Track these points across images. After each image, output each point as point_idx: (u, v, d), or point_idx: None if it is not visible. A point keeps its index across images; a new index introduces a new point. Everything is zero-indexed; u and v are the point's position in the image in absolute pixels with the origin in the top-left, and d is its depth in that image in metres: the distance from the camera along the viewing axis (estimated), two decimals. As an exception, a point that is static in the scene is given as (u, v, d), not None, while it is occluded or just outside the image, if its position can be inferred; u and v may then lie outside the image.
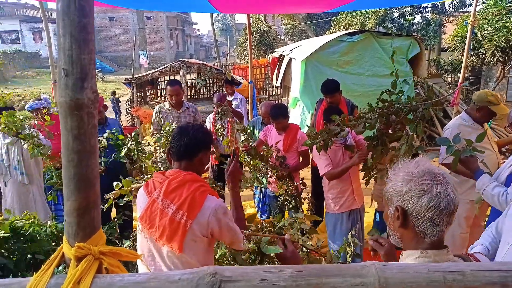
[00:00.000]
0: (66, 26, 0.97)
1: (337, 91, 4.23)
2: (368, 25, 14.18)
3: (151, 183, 1.91)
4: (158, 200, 1.80)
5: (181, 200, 1.77)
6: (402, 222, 1.23)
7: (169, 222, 1.75)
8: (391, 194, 1.26)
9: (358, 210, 3.57)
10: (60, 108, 1.01)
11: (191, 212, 1.76)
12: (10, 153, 3.93)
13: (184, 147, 1.88)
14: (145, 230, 1.82)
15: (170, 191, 1.80)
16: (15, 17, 34.41)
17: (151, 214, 1.80)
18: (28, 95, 18.42)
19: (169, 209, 1.77)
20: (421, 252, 1.21)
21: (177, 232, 1.74)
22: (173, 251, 1.76)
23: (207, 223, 1.79)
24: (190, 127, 1.95)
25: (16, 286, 1.01)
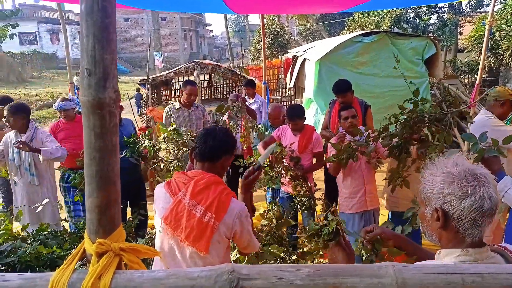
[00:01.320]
0: (89, 26, 1.00)
1: (349, 91, 4.22)
2: (383, 25, 14.05)
3: (173, 183, 1.91)
4: (184, 201, 1.81)
5: (209, 202, 1.79)
6: (443, 223, 1.21)
7: (197, 223, 1.77)
8: (429, 195, 1.24)
9: (371, 212, 3.55)
10: (82, 107, 1.03)
11: (218, 214, 1.79)
12: (21, 154, 3.98)
13: (209, 149, 1.92)
14: (169, 230, 1.81)
15: (197, 192, 1.82)
16: (33, 18, 35.12)
17: (177, 215, 1.80)
18: (45, 95, 18.77)
19: (197, 210, 1.79)
20: (462, 250, 1.19)
21: (204, 234, 1.76)
22: (197, 252, 1.78)
23: (232, 225, 1.83)
24: (217, 130, 2.00)
25: (39, 281, 1.04)
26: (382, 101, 7.10)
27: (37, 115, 15.11)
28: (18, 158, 3.99)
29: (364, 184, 3.42)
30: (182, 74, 11.86)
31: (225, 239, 1.85)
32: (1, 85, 22.03)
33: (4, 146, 4.06)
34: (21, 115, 3.95)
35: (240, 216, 1.85)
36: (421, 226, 1.38)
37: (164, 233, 1.86)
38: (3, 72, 23.69)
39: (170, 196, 1.87)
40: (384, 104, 7.13)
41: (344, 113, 3.54)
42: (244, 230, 1.87)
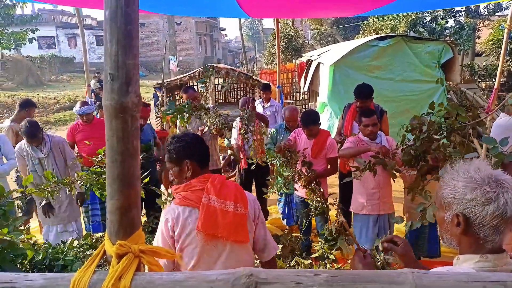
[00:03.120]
0: (113, 32, 1.02)
1: (370, 96, 4.19)
2: (398, 29, 13.93)
3: (186, 196, 1.88)
4: (211, 202, 1.83)
5: (233, 195, 1.88)
6: (464, 229, 1.19)
7: (233, 217, 1.84)
8: (450, 200, 1.21)
9: (386, 217, 3.52)
10: (105, 111, 1.05)
11: (244, 203, 1.90)
12: (43, 163, 4.01)
13: (206, 153, 2.01)
14: (206, 236, 1.80)
15: (219, 191, 1.86)
16: (51, 23, 35.82)
17: (211, 218, 1.81)
18: (62, 98, 19.10)
19: (228, 205, 1.85)
20: (481, 256, 1.17)
21: (242, 224, 1.86)
22: (238, 245, 1.86)
23: (253, 212, 1.97)
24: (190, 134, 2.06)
25: (61, 281, 1.06)
26: (396, 105, 7.03)
27: (55, 117, 15.38)
28: (40, 168, 4.02)
29: (379, 187, 3.39)
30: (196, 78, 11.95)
31: (252, 226, 1.95)
32: (20, 88, 22.52)
33: (20, 158, 4.05)
34: (39, 137, 3.92)
35: (255, 203, 2.01)
36: (439, 231, 1.36)
37: (201, 243, 1.82)
38: (23, 75, 24.20)
39: (192, 208, 1.85)
40: (399, 108, 7.06)
41: (366, 120, 3.49)
42: (260, 217, 2.00)
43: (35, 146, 3.96)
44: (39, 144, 3.97)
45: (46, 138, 4.03)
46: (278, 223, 5.01)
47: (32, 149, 3.95)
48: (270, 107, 6.16)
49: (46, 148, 3.97)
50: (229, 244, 1.85)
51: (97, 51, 35.60)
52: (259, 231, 1.99)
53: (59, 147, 4.08)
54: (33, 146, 3.96)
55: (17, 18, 18.73)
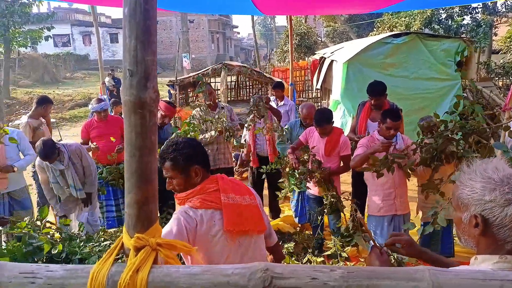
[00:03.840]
0: (132, 28, 1.03)
1: (383, 93, 4.16)
2: (413, 26, 13.75)
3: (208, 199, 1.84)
4: (231, 199, 1.84)
5: (244, 189, 1.98)
6: (482, 230, 1.17)
7: (252, 208, 1.93)
8: (468, 201, 1.20)
9: (401, 217, 3.48)
10: (124, 106, 1.07)
11: (252, 194, 2.01)
12: (64, 175, 4.06)
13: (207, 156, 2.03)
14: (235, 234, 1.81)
15: (232, 188, 1.90)
16: (66, 21, 36.30)
17: (236, 215, 1.82)
18: (77, 95, 19.37)
19: (245, 199, 1.92)
20: (500, 257, 1.15)
21: (258, 214, 1.96)
22: (259, 235, 1.96)
23: (258, 199, 2.05)
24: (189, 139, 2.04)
25: (81, 272, 1.08)
26: (411, 103, 6.95)
27: (70, 114, 15.61)
28: (62, 179, 4.07)
29: (394, 187, 3.35)
30: (209, 76, 11.99)
31: (264, 214, 2.06)
32: (36, 85, 22.90)
33: (41, 172, 4.09)
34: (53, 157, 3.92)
35: (255, 192, 2.08)
36: (456, 231, 1.34)
37: (230, 242, 1.82)
38: (39, 72, 24.59)
39: (214, 209, 1.82)
40: (413, 106, 6.99)
41: (390, 123, 3.37)
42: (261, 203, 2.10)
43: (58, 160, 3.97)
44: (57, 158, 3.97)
45: (63, 149, 4.02)
46: (290, 221, 5.01)
47: (55, 164, 3.97)
48: (284, 106, 6.12)
49: (66, 160, 3.99)
50: (255, 236, 1.93)
51: (111, 48, 35.97)
52: (266, 218, 2.10)
53: (77, 154, 4.12)
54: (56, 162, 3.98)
55: (33, 16, 19.05)
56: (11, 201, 4.29)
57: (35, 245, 2.50)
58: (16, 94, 18.65)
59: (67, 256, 2.54)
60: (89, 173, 4.18)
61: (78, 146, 4.23)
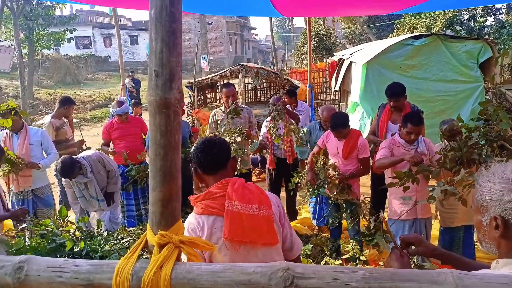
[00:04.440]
0: (158, 31, 1.06)
1: (402, 95, 4.11)
2: (434, 28, 13.52)
3: (208, 204, 1.82)
4: (235, 207, 1.77)
5: (256, 197, 1.82)
6: (502, 232, 1.16)
7: (259, 220, 1.78)
8: (487, 202, 1.18)
9: (423, 221, 3.43)
10: (149, 106, 1.09)
11: (268, 203, 1.83)
12: (88, 187, 4.13)
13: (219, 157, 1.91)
14: (235, 243, 1.76)
15: (241, 195, 1.79)
16: (88, 23, 37.10)
17: (237, 225, 1.76)
18: (98, 96, 19.75)
19: (253, 209, 1.79)
20: None
21: (268, 226, 1.79)
22: (269, 248, 1.81)
23: (278, 212, 1.90)
24: (213, 139, 1.99)
25: (106, 267, 1.11)
26: (432, 106, 6.85)
27: (91, 115, 15.92)
28: (86, 192, 4.13)
29: (416, 190, 3.30)
30: (227, 77, 12.05)
31: (279, 226, 1.89)
32: (59, 86, 23.45)
33: (68, 188, 4.16)
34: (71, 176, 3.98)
35: (278, 202, 1.94)
36: (477, 236, 1.32)
37: (232, 251, 1.78)
38: (61, 74, 25.19)
39: (216, 216, 1.80)
40: (434, 109, 6.88)
41: (411, 127, 3.32)
42: (284, 215, 1.94)
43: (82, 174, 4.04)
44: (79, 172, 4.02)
45: (85, 162, 4.06)
46: (308, 223, 4.99)
47: (79, 177, 4.02)
48: (298, 112, 6.07)
49: (88, 172, 4.04)
50: (260, 248, 1.80)
51: (131, 50, 36.56)
52: (286, 230, 1.94)
53: (99, 162, 4.18)
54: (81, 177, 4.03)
55: (56, 18, 19.53)
56: (35, 198, 4.41)
57: (58, 242, 2.57)
58: (40, 95, 19.13)
59: (88, 254, 2.60)
60: (112, 175, 4.26)
61: (98, 154, 4.28)
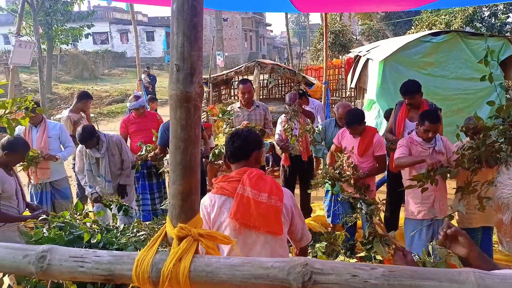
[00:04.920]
0: (179, 25, 1.06)
1: (418, 92, 4.05)
2: (454, 24, 13.26)
3: (223, 186, 1.98)
4: (246, 193, 1.90)
5: (269, 187, 1.93)
6: None
7: (266, 208, 1.88)
8: (508, 200, 1.17)
9: (441, 221, 3.38)
10: (170, 100, 1.10)
11: (280, 195, 1.94)
12: (99, 164, 4.24)
13: (239, 148, 2.07)
14: (239, 224, 1.87)
15: (254, 182, 1.92)
16: (105, 19, 37.53)
17: (244, 207, 1.88)
18: (114, 92, 20.00)
19: (262, 197, 1.89)
20: None
21: (275, 216, 1.89)
22: (272, 237, 1.90)
23: (289, 205, 1.99)
24: (240, 132, 2.16)
25: (126, 259, 1.13)
26: (450, 104, 6.73)
27: (107, 110, 16.14)
28: (96, 168, 4.25)
29: (434, 190, 3.25)
30: (242, 74, 12.06)
31: (287, 220, 1.97)
32: (76, 81, 23.83)
33: (80, 159, 4.30)
34: (90, 143, 4.10)
35: (292, 198, 2.04)
36: (497, 236, 1.30)
37: (235, 232, 1.89)
38: (78, 69, 25.58)
39: (227, 197, 1.95)
40: (452, 107, 6.76)
41: (428, 125, 3.29)
42: (296, 212, 2.02)
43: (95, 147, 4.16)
44: (95, 145, 4.15)
45: (103, 138, 4.20)
46: (322, 220, 4.97)
47: (91, 149, 4.16)
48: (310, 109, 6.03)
49: (103, 149, 4.16)
50: (263, 235, 1.89)
51: (147, 46, 36.86)
52: (297, 224, 2.05)
53: (117, 145, 4.26)
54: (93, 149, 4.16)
55: (74, 14, 19.82)
56: (53, 190, 4.50)
57: (75, 234, 2.62)
58: (58, 90, 19.48)
59: (105, 246, 2.64)
60: (126, 165, 4.32)
61: (120, 138, 4.39)
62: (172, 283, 1.06)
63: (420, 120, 3.35)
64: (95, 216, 2.96)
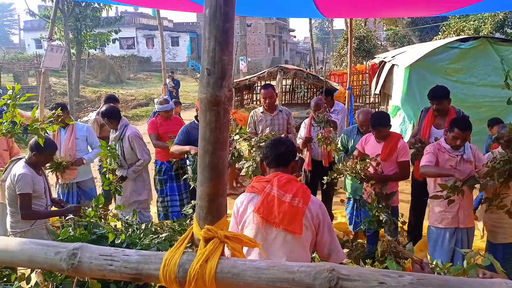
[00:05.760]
0: (211, 30, 1.09)
1: (446, 98, 3.96)
2: (483, 30, 12.95)
3: (255, 185, 2.13)
4: (272, 192, 2.01)
5: (295, 190, 2.02)
6: None
7: (288, 207, 1.97)
8: None
9: (465, 230, 3.29)
10: (200, 104, 1.12)
11: (305, 198, 2.01)
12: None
13: (283, 155, 2.17)
14: (262, 219, 1.98)
15: (282, 184, 2.03)
16: (132, 25, 38.41)
17: (268, 204, 1.99)
18: (139, 96, 20.40)
19: (286, 197, 1.99)
20: None
21: (296, 216, 1.97)
22: (291, 236, 1.96)
23: (316, 213, 2.04)
24: (283, 139, 2.31)
25: (154, 258, 1.15)
26: (478, 112, 6.55)
27: (132, 113, 16.46)
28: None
29: (459, 198, 3.16)
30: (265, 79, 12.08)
31: (311, 225, 2.02)
32: (103, 85, 24.44)
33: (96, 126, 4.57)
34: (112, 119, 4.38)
35: (321, 207, 2.09)
36: None
37: (257, 226, 2.01)
38: (105, 73, 26.24)
39: (256, 194, 2.07)
40: (480, 115, 6.57)
41: (458, 133, 3.19)
42: (325, 224, 2.06)
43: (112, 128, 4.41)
44: (115, 127, 4.40)
45: (122, 127, 4.40)
46: (343, 228, 4.91)
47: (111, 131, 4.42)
48: (334, 111, 5.97)
49: (118, 133, 4.36)
50: (283, 233, 1.97)
51: (172, 51, 37.48)
52: (324, 236, 2.06)
53: (128, 139, 4.35)
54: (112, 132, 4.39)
55: (103, 20, 20.37)
56: (79, 191, 4.62)
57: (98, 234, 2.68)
58: (85, 93, 20.02)
59: (128, 246, 2.69)
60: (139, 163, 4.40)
61: (138, 133, 4.48)
62: (199, 284, 1.07)
63: (450, 126, 3.26)
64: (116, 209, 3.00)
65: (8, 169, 3.53)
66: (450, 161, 3.22)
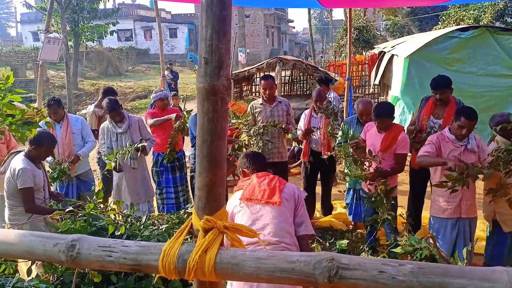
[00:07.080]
0: (208, 18, 1.07)
1: (448, 88, 3.95)
2: (483, 20, 12.85)
3: (240, 185, 2.56)
4: (252, 182, 2.45)
5: (271, 177, 2.48)
6: None
7: (267, 186, 2.39)
8: None
9: (467, 220, 3.28)
10: (198, 93, 1.11)
11: (281, 181, 2.44)
12: (119, 141, 4.38)
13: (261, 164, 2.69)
14: (246, 201, 2.35)
15: (261, 175, 2.49)
16: (130, 17, 38.05)
17: (250, 189, 2.41)
18: (138, 88, 20.31)
19: (264, 181, 2.42)
20: None
21: (274, 191, 2.36)
22: (273, 207, 2.30)
23: (293, 191, 2.44)
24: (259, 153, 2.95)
25: (153, 249, 1.15)
26: (478, 101, 6.51)
27: (131, 105, 16.41)
28: (116, 144, 4.39)
29: (461, 188, 3.15)
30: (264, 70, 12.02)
31: (292, 198, 2.38)
32: (101, 77, 24.30)
33: (101, 136, 4.50)
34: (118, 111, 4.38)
35: (298, 189, 2.49)
36: None
37: (244, 209, 2.35)
38: (103, 65, 26.08)
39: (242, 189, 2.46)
40: (480, 105, 6.53)
41: (464, 122, 3.15)
42: (301, 199, 2.43)
43: (115, 122, 4.38)
44: (119, 121, 4.39)
45: (126, 116, 4.46)
46: (343, 217, 4.93)
47: (113, 125, 4.38)
48: None
49: (125, 125, 4.38)
50: (266, 206, 2.31)
51: (170, 43, 37.22)
52: (299, 210, 2.42)
53: (138, 125, 4.48)
54: (114, 123, 4.38)
55: (100, 12, 20.21)
56: (79, 183, 4.61)
57: (98, 226, 2.68)
58: (83, 86, 19.92)
59: (128, 238, 2.69)
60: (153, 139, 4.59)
61: (141, 120, 4.62)
62: (198, 274, 1.07)
63: (456, 115, 3.23)
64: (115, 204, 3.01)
65: (7, 162, 3.52)
66: (454, 151, 3.20)
